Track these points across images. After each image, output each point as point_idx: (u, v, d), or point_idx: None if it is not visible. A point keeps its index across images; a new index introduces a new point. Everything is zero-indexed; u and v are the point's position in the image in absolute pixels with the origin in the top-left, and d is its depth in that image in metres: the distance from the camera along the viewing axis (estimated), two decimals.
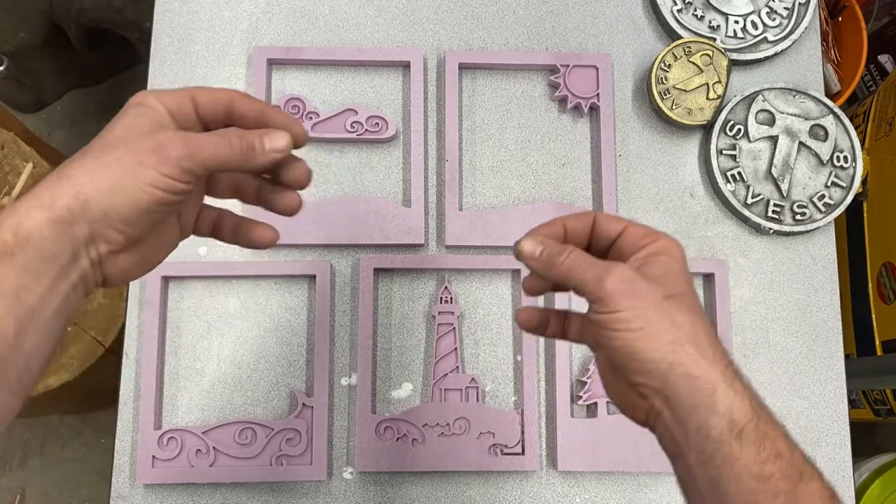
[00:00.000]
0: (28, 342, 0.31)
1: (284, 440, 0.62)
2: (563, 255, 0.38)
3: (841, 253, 0.85)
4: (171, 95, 0.36)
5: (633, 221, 0.40)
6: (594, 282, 0.36)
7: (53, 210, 0.31)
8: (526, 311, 0.45)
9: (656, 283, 0.36)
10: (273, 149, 0.37)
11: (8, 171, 0.98)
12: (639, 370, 0.35)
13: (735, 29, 0.72)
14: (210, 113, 0.37)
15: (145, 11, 0.75)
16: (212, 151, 0.34)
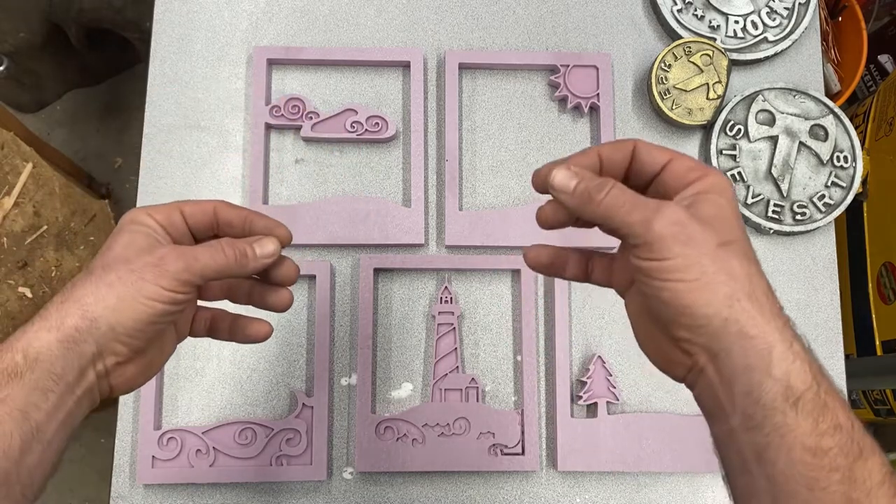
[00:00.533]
0: (32, 457, 0.33)
1: (284, 440, 0.62)
2: (603, 190, 0.34)
3: (841, 253, 0.85)
4: (160, 211, 0.38)
5: (677, 152, 0.35)
6: (641, 224, 0.32)
7: (62, 330, 0.33)
8: (536, 247, 0.40)
9: (710, 226, 0.32)
10: (263, 255, 0.39)
11: (8, 171, 0.98)
12: (688, 325, 0.32)
13: (735, 29, 0.72)
14: (198, 223, 0.39)
15: (145, 11, 0.75)
16: (207, 262, 0.37)
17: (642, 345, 0.37)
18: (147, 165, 0.69)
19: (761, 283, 0.33)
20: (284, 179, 0.69)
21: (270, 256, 0.39)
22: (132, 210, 0.38)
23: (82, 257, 0.97)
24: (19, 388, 0.32)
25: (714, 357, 0.32)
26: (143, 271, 0.35)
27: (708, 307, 0.31)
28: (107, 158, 1.50)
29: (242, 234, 0.40)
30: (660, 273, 0.32)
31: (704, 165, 0.35)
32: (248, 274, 0.39)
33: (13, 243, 0.96)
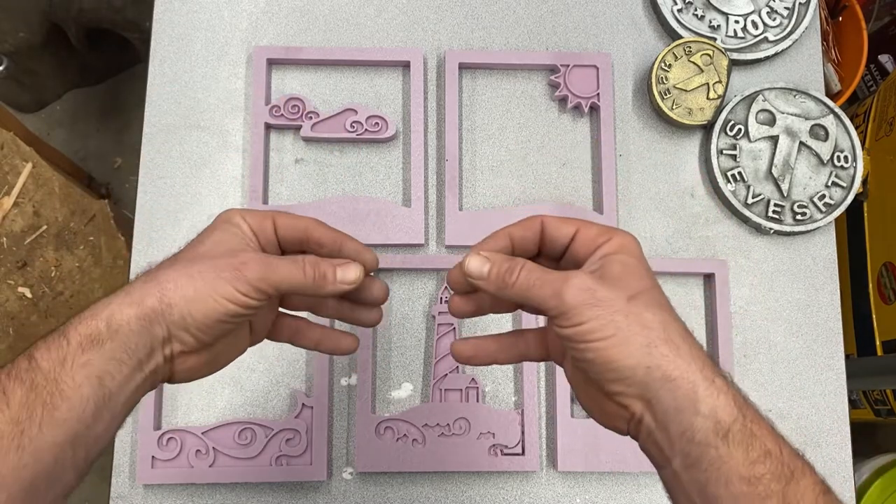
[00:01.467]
0: (100, 425, 0.34)
1: (284, 440, 0.62)
2: (514, 271, 0.36)
3: (841, 253, 0.85)
4: (254, 216, 0.39)
5: (584, 221, 0.37)
6: (553, 297, 0.34)
7: (141, 307, 0.35)
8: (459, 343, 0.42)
9: (618, 285, 0.34)
10: (344, 280, 0.39)
11: (7, 171, 0.98)
12: (615, 379, 0.34)
13: (735, 29, 0.72)
14: (288, 236, 0.40)
15: (145, 11, 0.75)
16: (285, 275, 0.37)
17: (585, 406, 0.39)
18: (147, 165, 0.69)
19: (676, 327, 0.34)
20: (284, 179, 0.69)
21: (351, 283, 0.39)
22: (228, 209, 0.39)
23: (82, 257, 0.97)
24: (99, 354, 0.33)
25: (648, 405, 0.34)
26: (223, 270, 0.36)
27: (629, 359, 0.33)
28: (107, 158, 1.50)
29: (331, 255, 0.40)
30: (580, 337, 0.34)
31: (610, 229, 0.37)
32: (325, 295, 0.39)
33: (13, 243, 0.96)
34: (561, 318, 0.34)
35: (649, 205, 0.70)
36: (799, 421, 0.66)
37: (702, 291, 0.69)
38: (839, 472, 0.66)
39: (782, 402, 0.67)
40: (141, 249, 0.67)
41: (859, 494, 1.06)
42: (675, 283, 0.68)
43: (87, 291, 0.96)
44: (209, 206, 0.68)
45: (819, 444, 0.66)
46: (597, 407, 0.37)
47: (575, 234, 0.37)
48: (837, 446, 0.66)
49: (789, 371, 0.67)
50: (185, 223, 0.68)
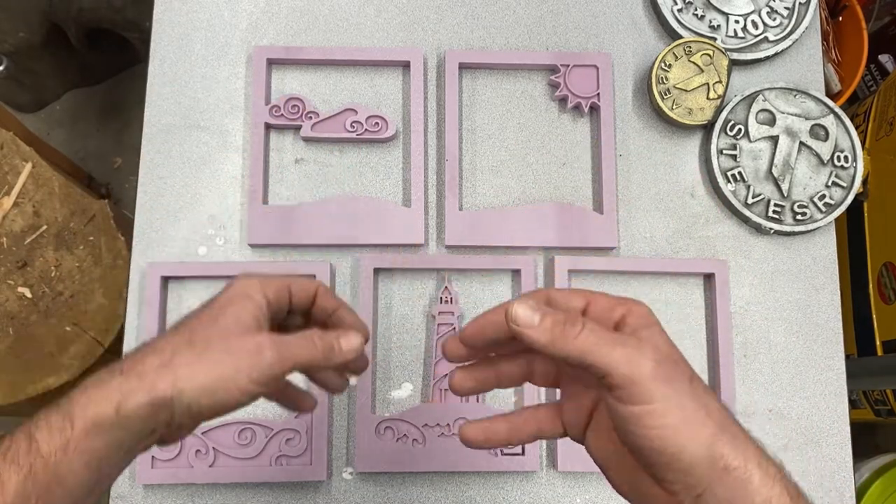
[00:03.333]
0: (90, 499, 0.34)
1: (284, 440, 0.62)
2: (577, 325, 0.31)
3: (841, 253, 0.85)
4: (273, 288, 0.39)
5: (592, 292, 0.35)
6: (625, 365, 0.30)
7: (153, 394, 0.34)
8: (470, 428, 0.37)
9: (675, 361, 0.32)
10: (349, 349, 0.40)
11: (7, 171, 0.98)
12: (678, 468, 0.31)
13: (735, 29, 0.72)
14: (299, 302, 0.41)
15: (145, 11, 0.75)
16: (299, 354, 0.38)
17: (618, 486, 0.35)
18: (147, 165, 0.69)
19: (728, 412, 0.32)
20: (284, 179, 0.69)
21: (355, 352, 0.40)
22: (247, 278, 0.39)
23: (82, 257, 0.97)
24: (103, 441, 0.33)
25: (699, 497, 0.31)
26: (240, 358, 0.36)
27: (697, 449, 0.30)
28: (107, 158, 1.50)
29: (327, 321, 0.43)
30: (648, 420, 0.30)
31: (623, 299, 0.34)
32: (331, 366, 0.41)
33: (13, 243, 0.96)
34: (624, 392, 0.30)
35: (649, 205, 0.70)
36: (799, 421, 0.66)
37: (702, 291, 0.69)
38: (839, 472, 0.65)
39: (782, 402, 0.67)
40: (141, 249, 0.67)
41: (859, 494, 1.06)
42: (675, 283, 0.68)
43: (87, 291, 0.96)
44: (209, 206, 0.68)
45: (819, 444, 0.66)
46: (635, 489, 0.34)
47: (586, 305, 0.34)
48: (837, 446, 0.66)
49: (789, 371, 0.67)
50: (185, 223, 0.68)
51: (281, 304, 0.40)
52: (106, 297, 0.97)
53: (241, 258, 0.67)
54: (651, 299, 0.68)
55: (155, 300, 0.64)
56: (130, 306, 0.66)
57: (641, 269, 0.67)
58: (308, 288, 0.42)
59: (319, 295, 0.42)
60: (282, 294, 0.40)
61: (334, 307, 0.43)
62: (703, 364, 0.67)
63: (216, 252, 0.67)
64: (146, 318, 0.64)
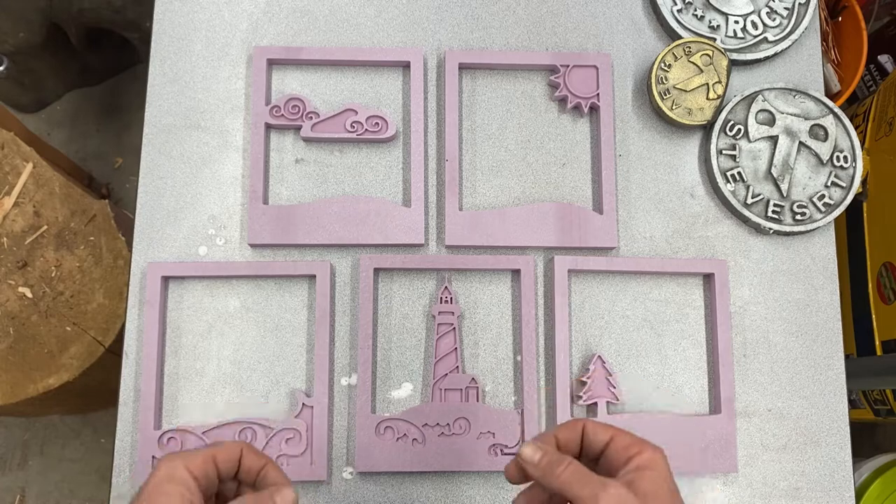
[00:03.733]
0: None
1: (284, 440, 0.62)
2: (561, 465, 0.39)
3: (841, 253, 0.85)
4: (197, 464, 0.40)
5: (619, 430, 0.41)
6: (590, 498, 0.37)
7: None
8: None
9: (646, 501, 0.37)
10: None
11: (8, 171, 0.98)
12: None
13: (735, 29, 0.72)
14: (226, 470, 0.42)
15: (145, 11, 0.76)
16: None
17: None
18: (147, 165, 0.69)
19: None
20: (284, 179, 0.69)
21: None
22: (170, 461, 0.40)
23: (82, 257, 0.97)
24: None
25: None
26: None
27: None
28: (107, 158, 1.50)
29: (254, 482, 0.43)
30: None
31: (641, 441, 0.40)
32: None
33: (13, 243, 0.96)
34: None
35: (649, 205, 0.70)
36: (799, 421, 0.66)
37: (701, 291, 0.69)
38: (839, 472, 0.66)
39: (782, 402, 0.67)
40: (141, 249, 0.67)
41: (859, 494, 1.07)
42: (675, 283, 0.69)
43: (87, 291, 0.96)
44: (209, 206, 0.68)
45: (819, 444, 0.66)
46: None
47: (609, 440, 0.41)
48: (837, 446, 0.66)
49: (789, 371, 0.67)
50: (186, 223, 0.68)
51: (210, 478, 0.41)
52: (106, 296, 0.97)
53: (241, 258, 0.67)
54: (651, 299, 0.68)
55: (155, 300, 0.64)
56: (131, 306, 0.66)
57: (641, 268, 0.67)
58: (232, 453, 0.42)
59: (244, 456, 0.42)
60: (208, 467, 0.40)
61: (261, 465, 0.43)
62: (702, 364, 0.67)
63: (216, 252, 0.67)
64: (146, 318, 0.64)
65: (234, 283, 0.67)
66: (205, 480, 0.40)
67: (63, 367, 0.95)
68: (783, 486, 0.65)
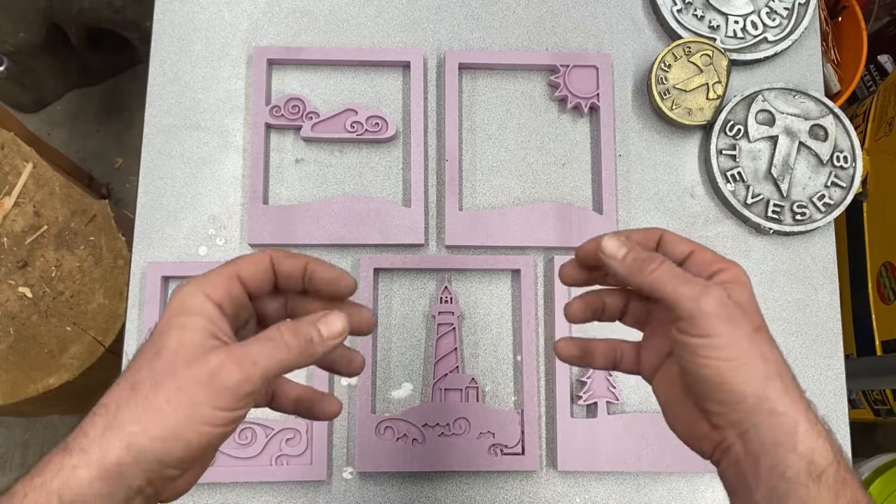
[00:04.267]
0: None
1: (284, 440, 0.62)
2: (654, 262, 0.36)
3: (841, 253, 0.85)
4: (218, 287, 0.33)
5: (699, 245, 0.38)
6: (690, 299, 0.34)
7: (103, 465, 0.29)
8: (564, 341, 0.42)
9: (745, 311, 0.35)
10: (331, 336, 0.34)
11: (8, 171, 0.98)
12: (724, 401, 0.34)
13: (735, 29, 0.72)
14: (258, 284, 0.35)
15: (145, 11, 0.76)
16: (268, 363, 0.32)
17: (672, 423, 0.39)
18: (147, 165, 0.69)
19: (788, 368, 0.36)
20: (284, 179, 0.69)
21: (339, 336, 0.34)
22: (185, 290, 0.33)
23: (82, 257, 0.97)
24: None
25: (743, 434, 0.34)
26: (195, 392, 0.30)
27: (746, 385, 0.33)
28: (107, 158, 1.50)
29: (302, 287, 0.37)
30: (704, 350, 0.34)
31: (724, 258, 0.37)
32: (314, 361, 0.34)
33: (13, 243, 0.96)
34: (690, 324, 0.34)
35: (649, 205, 0.70)
36: None
37: None
38: None
39: None
40: (141, 249, 0.67)
41: None
42: None
43: (87, 291, 0.96)
44: (209, 206, 0.68)
45: None
46: (686, 425, 0.37)
47: (690, 253, 0.37)
48: None
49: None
50: (186, 223, 0.68)
51: (237, 299, 0.34)
52: (106, 296, 0.97)
53: None
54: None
55: (155, 300, 0.64)
56: (131, 306, 0.66)
57: None
58: (259, 263, 0.35)
59: (277, 262, 0.35)
60: (233, 288, 0.34)
61: (301, 267, 0.36)
62: None
63: (217, 252, 0.67)
64: (147, 317, 0.64)
65: None
66: (230, 304, 0.34)
67: (63, 367, 0.95)
68: None
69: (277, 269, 0.36)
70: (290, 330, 0.33)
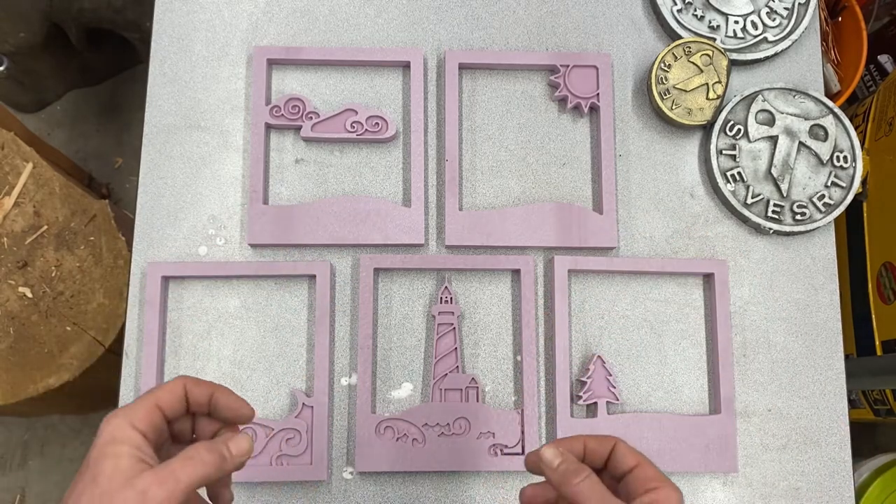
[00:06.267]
0: None
1: (284, 440, 0.62)
2: (579, 476, 0.39)
3: (841, 253, 0.85)
4: (141, 417, 0.37)
5: (645, 461, 0.41)
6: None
7: None
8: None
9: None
10: (240, 453, 0.40)
11: (8, 171, 0.98)
12: None
13: (735, 29, 0.72)
14: (173, 412, 0.40)
15: (145, 11, 0.76)
16: (189, 479, 0.36)
17: None
18: (147, 165, 0.69)
19: None
20: (284, 179, 0.69)
21: (246, 455, 0.40)
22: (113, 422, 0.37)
23: (82, 257, 0.97)
24: None
25: None
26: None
27: None
28: (107, 158, 1.50)
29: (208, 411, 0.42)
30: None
31: (663, 478, 0.40)
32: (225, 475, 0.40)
33: (13, 243, 0.96)
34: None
35: (649, 205, 0.70)
36: (798, 421, 0.66)
37: (701, 291, 0.69)
38: (839, 472, 0.66)
39: (782, 401, 0.67)
40: (141, 249, 0.67)
41: (859, 494, 1.07)
42: (675, 283, 0.69)
43: (87, 291, 0.96)
44: (209, 206, 0.68)
45: (819, 444, 0.66)
46: None
47: (634, 466, 0.40)
48: (837, 446, 0.66)
49: (789, 371, 0.67)
50: (186, 223, 0.68)
51: (157, 427, 0.39)
52: (106, 296, 0.97)
53: (241, 258, 0.67)
54: (651, 299, 0.68)
55: (155, 300, 0.64)
56: (131, 306, 0.66)
57: (641, 269, 0.67)
58: (174, 392, 0.40)
59: (189, 391, 0.40)
60: (154, 417, 0.38)
61: (208, 394, 0.41)
62: (702, 364, 0.67)
63: (217, 252, 0.67)
64: (146, 317, 0.64)
65: (234, 283, 0.67)
66: (153, 432, 0.38)
67: (63, 367, 0.95)
68: (783, 486, 0.65)
69: (189, 397, 0.41)
70: (205, 448, 0.38)
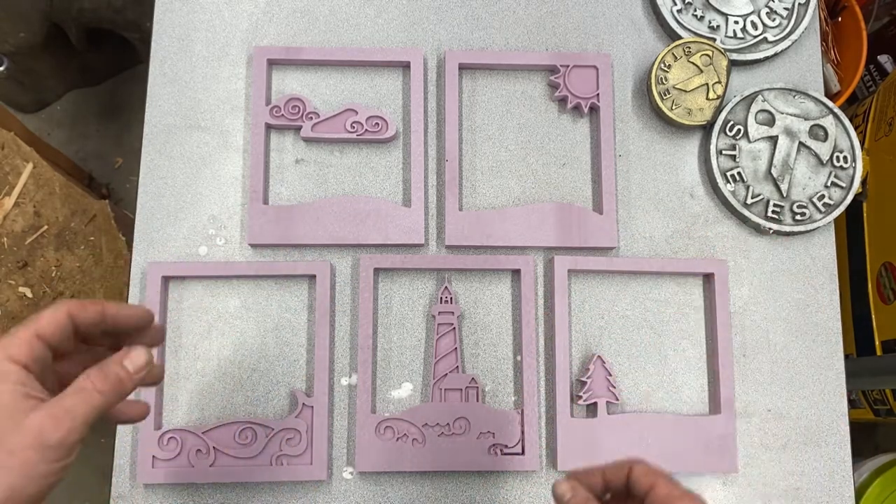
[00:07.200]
0: None
1: (284, 440, 0.62)
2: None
3: (841, 253, 0.85)
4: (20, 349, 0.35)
5: (665, 478, 0.41)
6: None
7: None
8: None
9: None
10: (138, 369, 0.37)
11: (8, 171, 0.98)
12: None
13: (735, 29, 0.72)
14: (58, 340, 0.36)
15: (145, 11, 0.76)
16: (85, 412, 0.34)
17: None
18: (147, 165, 0.69)
19: None
20: (284, 179, 0.69)
21: (145, 367, 0.37)
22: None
23: (83, 257, 0.97)
24: None
25: None
26: (26, 454, 0.33)
27: None
28: (107, 158, 1.50)
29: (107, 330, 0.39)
30: None
31: (680, 493, 0.40)
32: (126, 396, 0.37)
33: (13, 243, 0.96)
34: None
35: (649, 205, 0.70)
36: (798, 421, 0.66)
37: (701, 291, 0.69)
38: (839, 472, 0.66)
39: (782, 401, 0.67)
40: (141, 249, 0.67)
41: (859, 494, 1.07)
42: (675, 283, 0.69)
43: (87, 291, 0.96)
44: (209, 206, 0.68)
45: (818, 444, 0.66)
46: None
47: (651, 487, 0.41)
48: (837, 446, 0.66)
49: (789, 371, 0.67)
50: (186, 223, 0.68)
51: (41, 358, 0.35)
52: (107, 296, 0.97)
53: (241, 258, 0.67)
54: (651, 299, 0.68)
55: (156, 300, 0.64)
56: None
57: (641, 269, 0.67)
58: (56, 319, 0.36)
59: (74, 315, 0.37)
60: (35, 347, 0.35)
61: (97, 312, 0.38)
62: (702, 364, 0.67)
63: (217, 252, 0.67)
64: None
65: (235, 283, 0.67)
66: (35, 363, 0.35)
67: None
68: (783, 486, 0.65)
69: (77, 320, 0.37)
70: (98, 376, 0.35)
